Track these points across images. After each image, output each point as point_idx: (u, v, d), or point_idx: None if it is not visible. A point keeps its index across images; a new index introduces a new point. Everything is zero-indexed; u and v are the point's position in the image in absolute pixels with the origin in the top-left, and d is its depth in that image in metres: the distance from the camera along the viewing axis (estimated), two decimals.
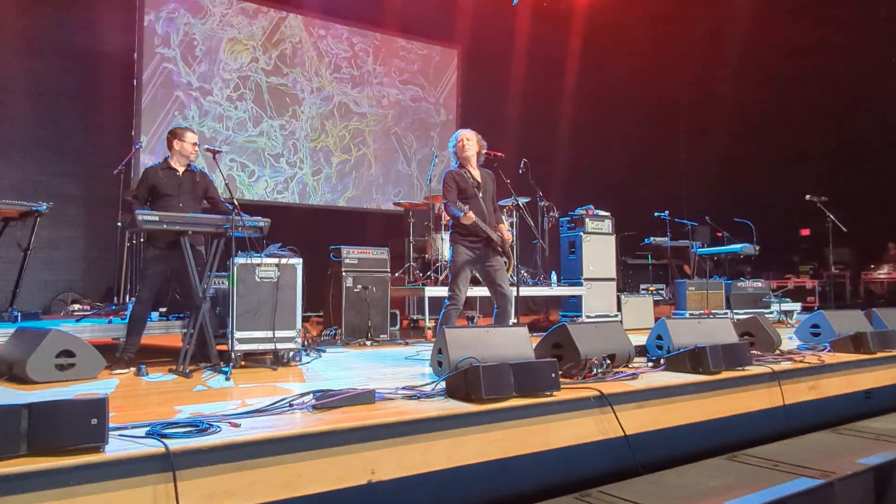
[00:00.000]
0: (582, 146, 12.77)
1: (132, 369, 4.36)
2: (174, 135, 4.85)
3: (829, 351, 5.07)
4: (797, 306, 9.51)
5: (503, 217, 5.52)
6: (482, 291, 5.33)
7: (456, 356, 3.44)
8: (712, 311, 8.37)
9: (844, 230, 8.28)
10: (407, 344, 6.42)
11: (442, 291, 6.96)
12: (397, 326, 7.61)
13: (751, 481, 3.08)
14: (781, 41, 12.36)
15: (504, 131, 10.97)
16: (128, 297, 6.66)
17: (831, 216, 8.29)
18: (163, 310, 5.77)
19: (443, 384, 3.28)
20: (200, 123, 9.76)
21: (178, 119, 9.53)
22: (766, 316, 6.98)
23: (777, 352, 4.88)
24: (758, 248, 9.13)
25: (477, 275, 5.14)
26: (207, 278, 4.52)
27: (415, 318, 8.40)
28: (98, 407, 2.21)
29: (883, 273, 11.82)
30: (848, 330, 5.24)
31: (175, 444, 2.27)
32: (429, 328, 7.06)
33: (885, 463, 3.41)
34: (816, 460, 3.39)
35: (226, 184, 4.82)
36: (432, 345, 3.96)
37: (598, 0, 12.53)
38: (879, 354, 4.98)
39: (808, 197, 8.40)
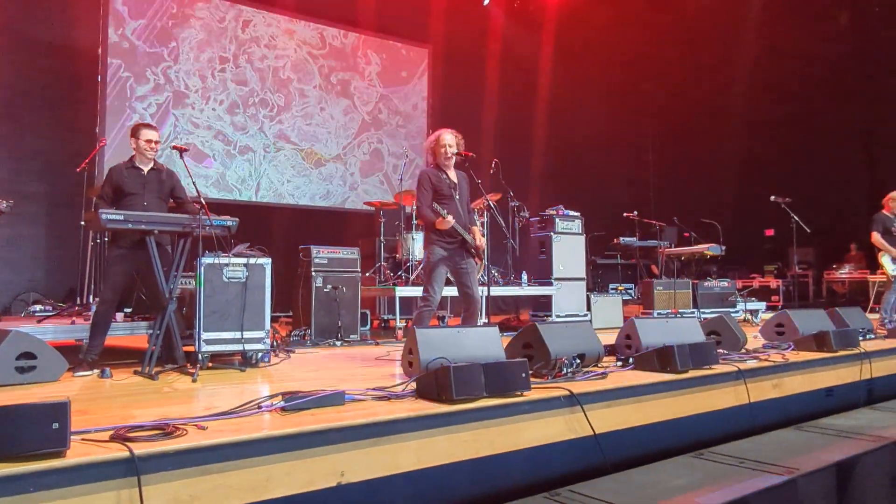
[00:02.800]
0: (552, 147, 12.86)
1: (96, 371, 4.26)
2: (131, 132, 4.78)
3: (793, 349, 5.16)
4: (762, 305, 9.69)
5: (475, 218, 5.54)
6: (453, 291, 5.34)
7: (426, 356, 3.43)
8: (680, 311, 8.48)
9: (808, 230, 8.45)
10: (377, 344, 6.39)
11: (413, 291, 6.95)
12: (368, 327, 7.57)
13: (717, 479, 3.12)
14: (748, 47, 12.58)
15: (475, 131, 10.96)
16: (91, 297, 6.52)
17: (795, 217, 8.46)
18: (128, 310, 5.66)
19: (413, 385, 3.27)
20: (168, 121, 9.60)
21: (144, 116, 9.36)
22: (732, 315, 7.10)
23: (743, 350, 4.96)
24: (724, 248, 9.28)
25: (449, 275, 5.14)
26: (174, 278, 4.45)
27: (385, 318, 8.37)
28: (59, 411, 2.16)
29: (844, 273, 12.12)
30: (811, 329, 5.35)
31: (140, 448, 2.22)
32: (399, 328, 7.04)
33: (847, 459, 3.48)
34: (780, 457, 3.45)
35: (192, 182, 4.75)
36: (403, 345, 3.94)
37: (569, 1, 12.63)
38: (841, 353, 5.09)
39: (772, 198, 8.55)
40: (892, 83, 12.14)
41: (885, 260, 8.05)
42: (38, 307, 6.95)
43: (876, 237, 8.06)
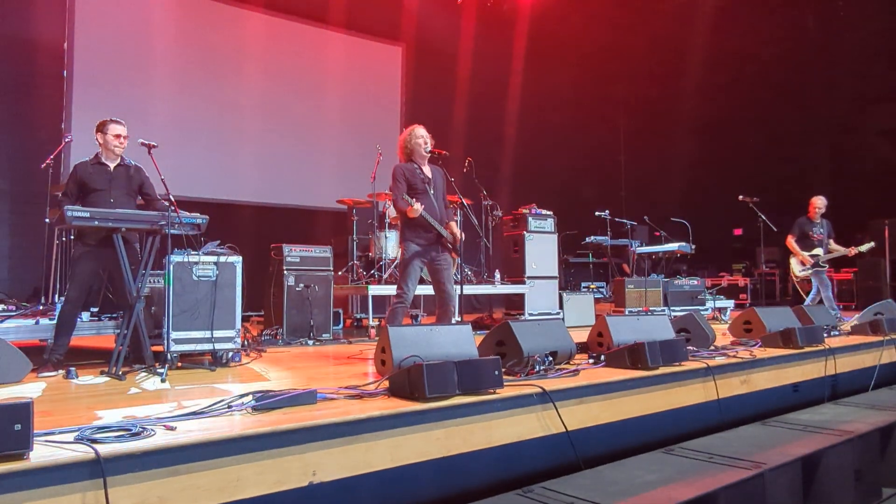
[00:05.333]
0: (525, 146, 12.92)
1: (61, 372, 4.18)
2: (98, 128, 4.68)
3: (760, 346, 5.25)
4: (730, 303, 9.85)
5: (451, 213, 5.53)
6: (426, 290, 5.33)
7: (399, 355, 3.42)
8: (650, 309, 8.58)
9: (775, 229, 8.60)
10: (350, 343, 6.36)
11: (386, 290, 6.93)
12: (340, 325, 7.53)
13: (687, 474, 3.16)
14: (716, 48, 12.77)
15: (448, 130, 10.99)
16: (57, 296, 6.39)
17: (762, 216, 8.60)
18: (94, 309, 5.55)
19: (386, 383, 3.26)
20: (134, 116, 9.41)
21: (111, 112, 9.16)
22: (702, 313, 7.20)
23: (712, 347, 5.03)
24: (693, 247, 9.41)
25: (423, 272, 5.13)
26: (142, 276, 4.37)
27: (358, 316, 8.33)
28: (21, 411, 2.10)
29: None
30: (777, 326, 5.45)
31: (106, 449, 2.17)
32: (372, 327, 7.02)
33: (812, 453, 3.55)
34: (748, 452, 3.50)
35: (161, 179, 4.66)
36: (376, 344, 3.93)
37: (541, 1, 12.69)
38: (806, 349, 5.19)
39: (740, 197, 8.68)
40: (855, 84, 12.43)
41: (793, 261, 8.51)
42: (0, 307, 6.79)
43: (790, 240, 8.50)
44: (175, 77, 9.91)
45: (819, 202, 8.48)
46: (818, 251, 8.36)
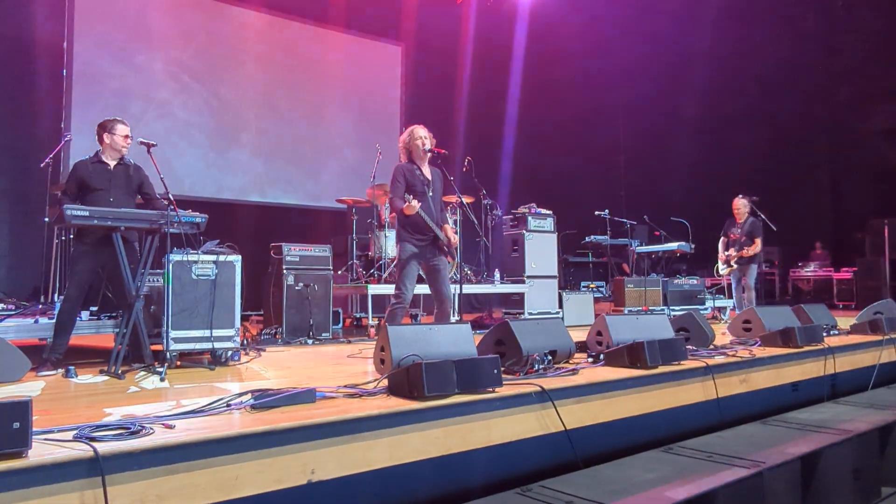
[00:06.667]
0: (525, 145, 12.92)
1: (60, 371, 4.18)
2: (103, 128, 4.65)
3: (760, 345, 5.25)
4: (730, 303, 9.84)
5: (447, 217, 5.54)
6: (426, 289, 5.33)
7: (398, 354, 3.42)
8: (650, 308, 8.58)
9: (774, 229, 8.60)
10: (349, 342, 6.36)
11: (385, 289, 6.93)
12: (340, 325, 7.53)
13: (686, 472, 3.16)
14: (716, 48, 12.77)
15: (448, 129, 11.00)
16: (56, 295, 6.38)
17: (762, 215, 8.60)
18: (94, 308, 5.55)
19: (385, 382, 3.26)
20: (133, 116, 9.42)
21: (111, 111, 9.16)
22: (701, 312, 7.20)
23: (711, 346, 5.03)
24: (693, 246, 9.41)
25: (420, 272, 5.14)
26: (141, 275, 4.37)
27: (357, 316, 8.33)
28: (20, 410, 2.10)
29: (809, 271, 12.37)
30: (777, 325, 5.45)
31: (104, 447, 2.17)
32: (372, 326, 7.01)
33: (811, 452, 3.55)
34: (747, 451, 3.50)
35: (161, 177, 4.67)
36: (375, 343, 3.93)
37: (541, 1, 12.69)
38: (806, 348, 5.19)
39: (739, 196, 8.68)
40: (855, 84, 12.43)
41: (719, 260, 8.66)
42: (0, 306, 6.78)
43: (720, 241, 8.70)
44: (175, 76, 9.92)
45: (736, 202, 8.60)
46: (731, 251, 8.51)
